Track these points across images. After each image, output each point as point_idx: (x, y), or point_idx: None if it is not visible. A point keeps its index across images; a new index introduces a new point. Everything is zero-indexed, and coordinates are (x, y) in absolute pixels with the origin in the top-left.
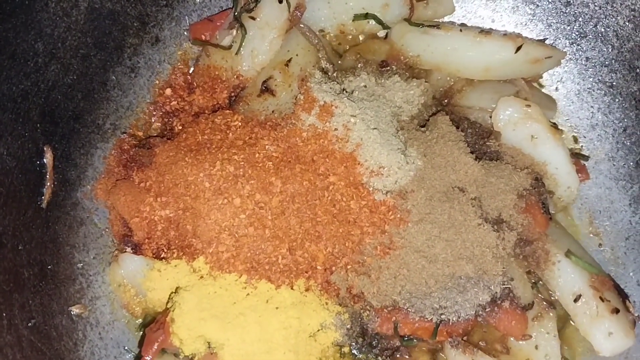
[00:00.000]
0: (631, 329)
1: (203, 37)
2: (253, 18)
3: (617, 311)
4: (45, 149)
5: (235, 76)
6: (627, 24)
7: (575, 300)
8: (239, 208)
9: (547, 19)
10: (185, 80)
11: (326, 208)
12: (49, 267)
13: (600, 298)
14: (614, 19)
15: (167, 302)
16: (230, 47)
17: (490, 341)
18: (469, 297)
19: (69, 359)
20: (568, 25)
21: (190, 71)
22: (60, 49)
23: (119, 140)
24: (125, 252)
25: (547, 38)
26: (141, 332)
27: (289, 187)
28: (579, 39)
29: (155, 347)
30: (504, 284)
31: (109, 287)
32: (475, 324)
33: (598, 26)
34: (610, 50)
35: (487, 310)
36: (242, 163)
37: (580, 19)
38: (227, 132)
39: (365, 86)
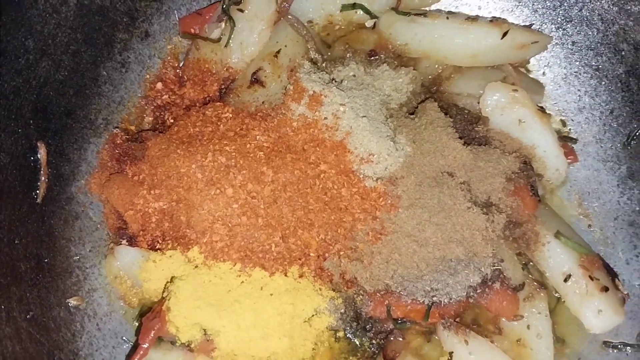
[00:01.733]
0: (620, 306)
1: (192, 31)
2: (241, 10)
3: (606, 289)
4: (38, 144)
5: (225, 68)
6: (611, 7)
7: (565, 280)
8: (231, 198)
9: (532, 4)
10: (176, 74)
11: (318, 196)
12: (46, 260)
13: (590, 277)
14: (598, 3)
15: (163, 292)
16: (219, 39)
17: (482, 322)
18: (460, 279)
19: (68, 349)
20: (553, 10)
21: (181, 65)
22: (50, 45)
23: (111, 134)
24: (121, 244)
25: (533, 23)
26: (138, 322)
27: (280, 177)
28: (564, 24)
29: (152, 335)
30: (494, 266)
31: (105, 279)
32: (467, 305)
33: (583, 10)
34: (595, 33)
35: (478, 291)
36: (234, 154)
37: (565, 4)
38: (218, 124)
39: (354, 75)
